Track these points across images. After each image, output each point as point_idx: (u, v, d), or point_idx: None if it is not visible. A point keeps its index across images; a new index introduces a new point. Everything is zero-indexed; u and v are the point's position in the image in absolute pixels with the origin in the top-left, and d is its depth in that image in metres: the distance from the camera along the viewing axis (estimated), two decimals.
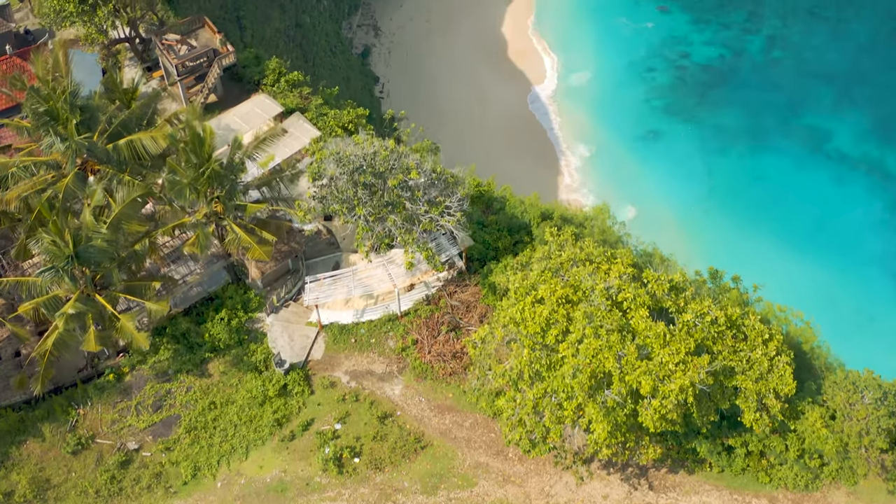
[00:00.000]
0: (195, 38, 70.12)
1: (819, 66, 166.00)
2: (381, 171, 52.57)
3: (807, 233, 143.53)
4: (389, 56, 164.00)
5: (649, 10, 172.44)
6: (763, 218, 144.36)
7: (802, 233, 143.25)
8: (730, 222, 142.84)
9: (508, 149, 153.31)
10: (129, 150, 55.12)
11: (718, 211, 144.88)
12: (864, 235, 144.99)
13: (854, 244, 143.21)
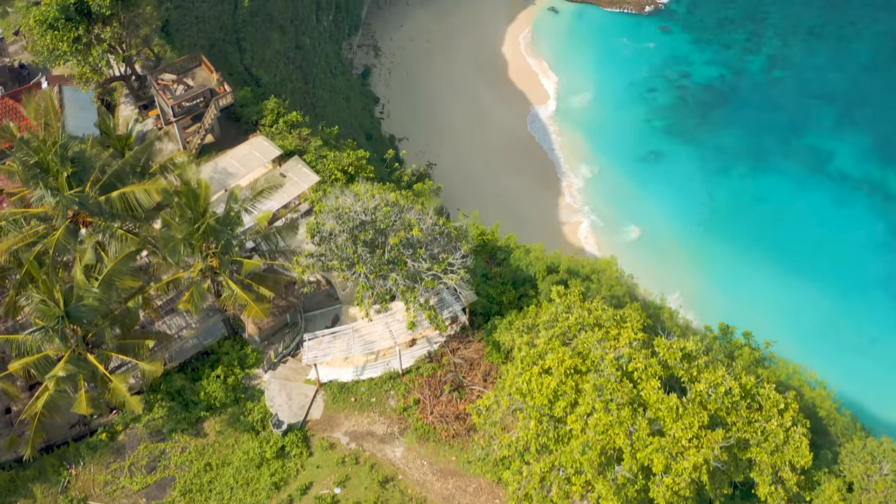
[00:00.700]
0: (192, 77, 68.36)
1: (820, 86, 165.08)
2: (381, 228, 50.99)
3: (808, 254, 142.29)
4: (390, 76, 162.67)
5: (651, 31, 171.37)
6: (764, 240, 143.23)
7: (804, 254, 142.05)
8: (731, 244, 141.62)
9: (508, 169, 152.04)
10: (122, 202, 53.48)
11: (720, 233, 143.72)
12: (866, 257, 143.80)
13: (856, 266, 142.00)
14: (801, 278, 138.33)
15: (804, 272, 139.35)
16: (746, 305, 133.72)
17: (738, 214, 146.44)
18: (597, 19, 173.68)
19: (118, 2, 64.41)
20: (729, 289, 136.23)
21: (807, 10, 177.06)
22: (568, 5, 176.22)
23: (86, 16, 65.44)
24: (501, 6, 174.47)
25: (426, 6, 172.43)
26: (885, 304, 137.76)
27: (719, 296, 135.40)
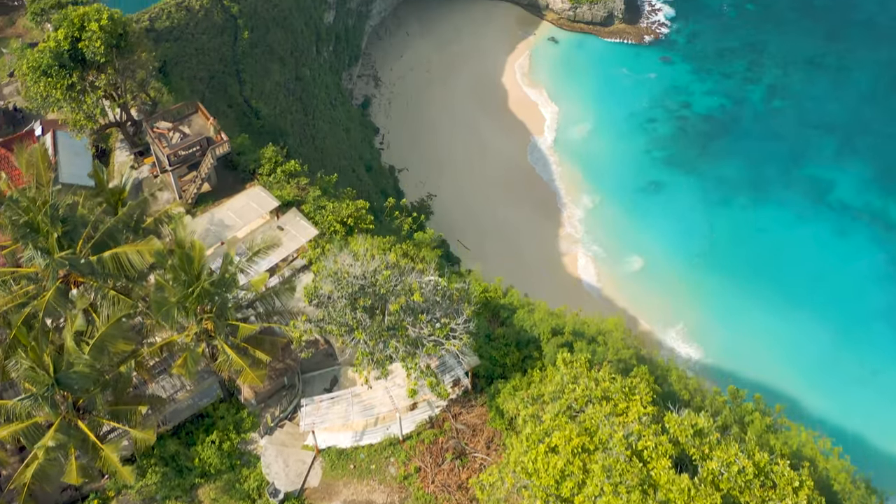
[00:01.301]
0: (188, 124, 67.00)
1: (820, 115, 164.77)
2: (381, 293, 49.58)
3: (809, 285, 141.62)
4: (390, 106, 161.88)
5: (652, 61, 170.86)
6: (765, 271, 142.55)
7: (805, 285, 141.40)
8: (732, 275, 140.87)
9: (508, 199, 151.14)
10: (115, 263, 51.99)
11: (721, 264, 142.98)
12: (868, 288, 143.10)
13: (857, 297, 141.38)
14: (803, 309, 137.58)
15: (805, 303, 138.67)
16: (748, 337, 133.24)
17: (739, 245, 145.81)
18: (597, 49, 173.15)
19: (113, 49, 63.03)
20: (731, 320, 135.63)
21: (807, 39, 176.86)
22: (568, 35, 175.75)
23: (80, 62, 64.05)
24: (502, 36, 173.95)
25: (426, 36, 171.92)
26: (887, 335, 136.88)
27: (721, 327, 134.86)
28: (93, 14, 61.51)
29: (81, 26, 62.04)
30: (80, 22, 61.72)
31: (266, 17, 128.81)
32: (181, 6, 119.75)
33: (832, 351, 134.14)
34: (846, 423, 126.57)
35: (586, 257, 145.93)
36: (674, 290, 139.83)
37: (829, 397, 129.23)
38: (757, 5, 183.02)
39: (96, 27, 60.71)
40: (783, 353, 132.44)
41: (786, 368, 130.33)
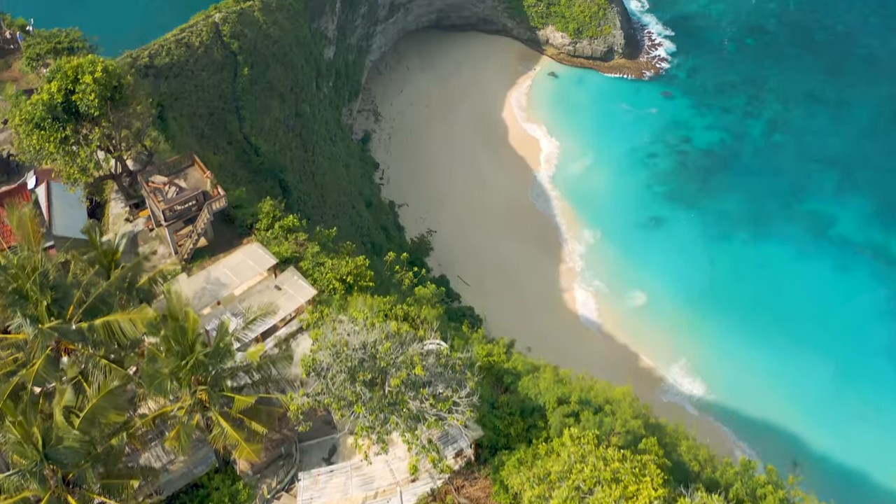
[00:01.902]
0: (184, 177, 65.49)
1: (821, 150, 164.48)
2: (382, 366, 48.12)
3: (811, 322, 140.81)
4: (390, 141, 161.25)
5: (652, 96, 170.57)
6: (767, 307, 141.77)
7: (807, 322, 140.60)
8: (734, 311, 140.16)
9: (508, 235, 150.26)
10: (106, 331, 50.48)
11: (722, 300, 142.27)
12: (869, 324, 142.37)
13: (859, 333, 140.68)
14: (805, 345, 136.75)
15: (807, 339, 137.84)
16: (751, 372, 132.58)
17: (740, 281, 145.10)
18: (597, 84, 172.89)
19: (107, 101, 61.53)
20: (734, 356, 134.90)
21: (807, 74, 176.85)
22: (568, 70, 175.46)
23: (74, 115, 62.52)
24: (502, 70, 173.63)
25: (426, 71, 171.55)
26: (889, 371, 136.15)
27: (724, 362, 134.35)
28: (87, 66, 59.96)
29: (75, 78, 60.59)
30: (74, 74, 60.26)
31: (266, 54, 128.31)
32: (181, 43, 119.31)
33: (834, 387, 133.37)
34: (849, 460, 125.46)
35: (587, 293, 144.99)
36: (675, 326, 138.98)
37: (831, 434, 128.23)
38: (757, 40, 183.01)
39: (90, 80, 59.19)
40: (786, 388, 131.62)
41: (789, 404, 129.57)
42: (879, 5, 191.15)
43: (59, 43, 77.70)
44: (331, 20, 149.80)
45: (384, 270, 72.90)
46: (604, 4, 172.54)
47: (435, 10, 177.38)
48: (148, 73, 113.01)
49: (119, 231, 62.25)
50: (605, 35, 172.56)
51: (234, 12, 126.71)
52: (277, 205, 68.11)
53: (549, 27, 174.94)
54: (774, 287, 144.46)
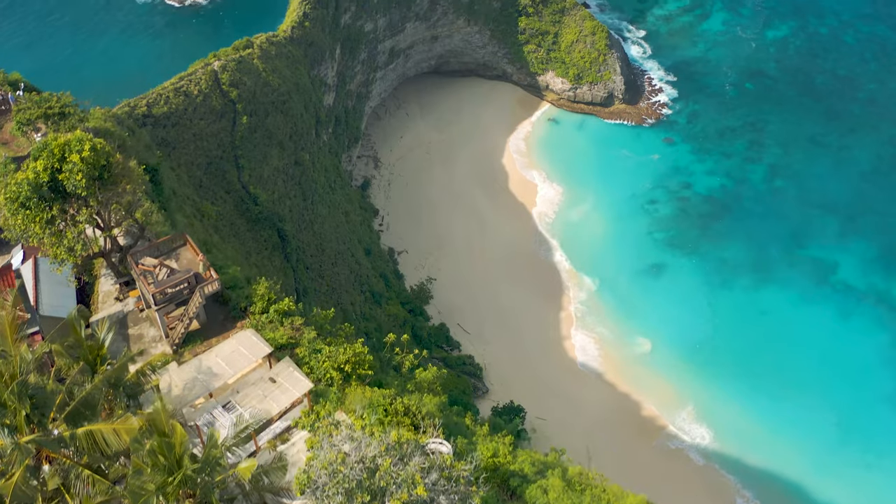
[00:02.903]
0: (175, 258, 63.15)
1: (822, 194, 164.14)
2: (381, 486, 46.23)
3: (814, 368, 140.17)
4: (389, 187, 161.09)
5: (653, 142, 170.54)
6: (769, 354, 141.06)
7: (810, 368, 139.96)
8: (737, 358, 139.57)
9: (508, 281, 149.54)
10: (89, 441, 48.01)
11: (725, 347, 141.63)
12: (873, 371, 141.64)
13: (862, 380, 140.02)
14: (808, 393, 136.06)
15: (811, 386, 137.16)
16: (756, 419, 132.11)
17: (742, 328, 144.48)
18: (597, 130, 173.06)
19: (95, 181, 59.42)
20: (738, 402, 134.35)
21: (807, 118, 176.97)
22: (568, 116, 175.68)
23: (60, 194, 60.44)
24: (502, 116, 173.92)
25: (426, 117, 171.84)
26: (893, 418, 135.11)
27: (729, 409, 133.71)
28: (74, 144, 58.09)
29: (62, 157, 58.64)
30: (61, 152, 58.47)
31: (265, 102, 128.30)
32: (179, 91, 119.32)
33: (839, 434, 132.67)
34: None
35: (588, 340, 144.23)
36: (678, 373, 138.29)
37: (836, 482, 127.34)
38: (757, 84, 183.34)
39: (77, 159, 57.10)
40: (790, 436, 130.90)
41: (793, 452, 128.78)
42: (880, 49, 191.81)
43: (51, 108, 76.04)
44: (331, 67, 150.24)
45: (383, 353, 71.30)
46: (604, 50, 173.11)
47: (435, 56, 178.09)
48: (146, 122, 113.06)
49: (108, 312, 60.88)
50: (605, 81, 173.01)
51: (234, 60, 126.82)
52: (273, 286, 66.21)
53: (550, 73, 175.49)
54: (777, 334, 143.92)
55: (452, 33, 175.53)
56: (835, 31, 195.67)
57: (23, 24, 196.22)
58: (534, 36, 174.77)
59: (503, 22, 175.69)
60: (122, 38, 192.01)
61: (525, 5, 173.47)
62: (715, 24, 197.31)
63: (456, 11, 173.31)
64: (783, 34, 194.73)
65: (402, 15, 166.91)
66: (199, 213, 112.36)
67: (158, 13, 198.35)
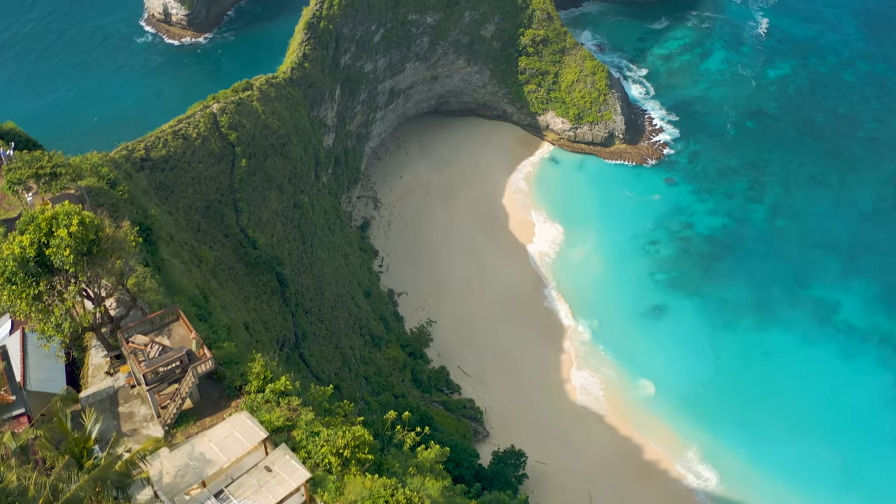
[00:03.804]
0: (167, 334, 61.00)
1: (824, 234, 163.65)
2: None
3: (818, 410, 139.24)
4: (389, 228, 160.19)
5: (654, 182, 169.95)
6: (773, 396, 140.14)
7: (813, 410, 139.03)
8: (740, 401, 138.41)
9: (508, 323, 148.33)
10: None
11: (728, 389, 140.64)
12: (877, 412, 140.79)
13: (866, 421, 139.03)
14: (812, 434, 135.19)
15: (815, 428, 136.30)
16: (761, 461, 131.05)
17: (745, 370, 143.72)
18: (598, 170, 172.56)
19: (83, 257, 57.34)
20: (742, 444, 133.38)
21: (808, 157, 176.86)
22: (569, 156, 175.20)
23: (48, 269, 58.49)
24: (502, 156, 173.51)
25: (426, 157, 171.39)
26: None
27: (734, 451, 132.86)
28: (62, 219, 56.10)
29: (49, 231, 56.66)
30: (48, 227, 56.46)
31: (264, 145, 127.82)
32: (178, 134, 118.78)
33: (844, 477, 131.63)
34: None
35: (590, 382, 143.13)
36: (682, 416, 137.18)
37: None
38: (758, 123, 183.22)
39: (65, 233, 55.10)
40: (796, 479, 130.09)
41: (799, 494, 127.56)
42: (880, 88, 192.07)
43: (42, 168, 74.40)
44: (330, 108, 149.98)
45: (384, 430, 69.39)
46: (604, 90, 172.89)
47: (435, 96, 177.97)
48: (143, 165, 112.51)
49: (98, 387, 58.91)
50: (605, 121, 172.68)
51: (233, 102, 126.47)
52: (269, 363, 64.09)
53: (550, 113, 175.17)
54: (780, 375, 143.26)
55: (452, 73, 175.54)
56: (835, 70, 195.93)
57: (23, 62, 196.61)
58: (534, 76, 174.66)
59: (503, 62, 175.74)
60: (121, 77, 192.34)
61: (525, 45, 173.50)
62: (715, 62, 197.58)
63: (456, 52, 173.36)
64: (784, 73, 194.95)
65: (402, 55, 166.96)
66: (196, 258, 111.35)
67: (157, 52, 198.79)
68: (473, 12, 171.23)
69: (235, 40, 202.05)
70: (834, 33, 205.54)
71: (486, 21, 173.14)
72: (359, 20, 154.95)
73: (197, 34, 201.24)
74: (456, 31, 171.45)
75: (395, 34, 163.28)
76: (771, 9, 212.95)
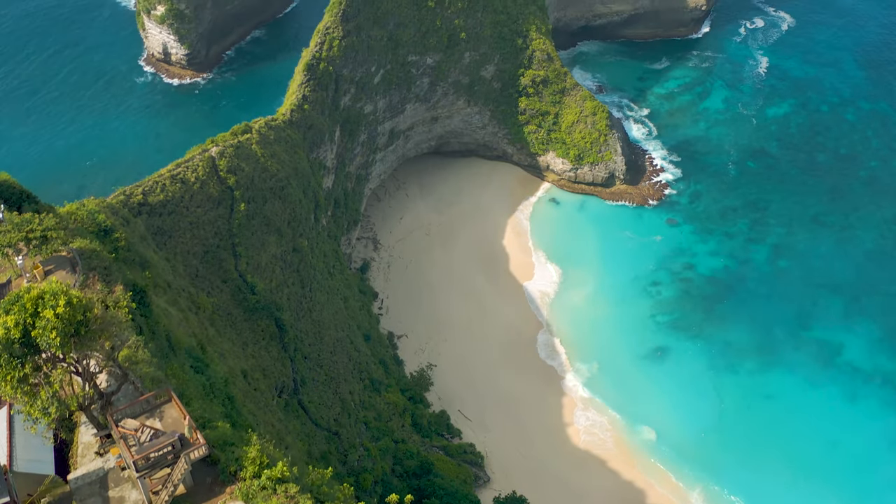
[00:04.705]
0: (159, 416, 58.78)
1: (826, 275, 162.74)
2: None
3: (821, 453, 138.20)
4: (389, 269, 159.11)
5: (655, 223, 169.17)
6: (777, 439, 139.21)
7: (817, 454, 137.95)
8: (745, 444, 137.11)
9: (509, 366, 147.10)
10: None
11: (731, 434, 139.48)
12: (881, 455, 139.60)
13: (871, 464, 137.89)
14: (817, 479, 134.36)
15: (819, 472, 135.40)
16: None
17: (748, 414, 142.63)
18: (599, 211, 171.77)
19: (71, 338, 55.18)
20: (746, 489, 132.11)
21: (810, 197, 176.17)
22: (569, 196, 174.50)
23: (33, 349, 56.45)
24: (502, 197, 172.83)
25: (426, 198, 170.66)
26: None
27: (738, 496, 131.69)
28: (48, 299, 54.07)
29: (35, 312, 54.68)
30: (34, 307, 54.52)
31: (263, 188, 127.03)
32: (176, 179, 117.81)
33: None
34: None
35: (591, 427, 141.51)
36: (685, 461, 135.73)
37: None
38: (759, 163, 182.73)
39: (51, 315, 53.24)
40: None
41: None
42: (881, 127, 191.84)
43: (32, 231, 72.43)
44: (330, 149, 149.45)
45: None
46: (605, 130, 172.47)
47: (435, 137, 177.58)
48: (141, 210, 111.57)
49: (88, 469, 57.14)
50: (606, 161, 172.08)
51: (232, 146, 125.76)
52: (265, 447, 61.82)
53: (550, 153, 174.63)
54: (784, 418, 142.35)
55: (452, 114, 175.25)
56: (836, 109, 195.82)
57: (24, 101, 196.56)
58: (534, 116, 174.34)
59: (503, 102, 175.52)
60: (120, 117, 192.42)
61: (525, 86, 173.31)
62: (716, 101, 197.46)
63: (456, 92, 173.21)
64: (784, 112, 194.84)
65: (402, 96, 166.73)
66: (194, 305, 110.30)
67: (158, 92, 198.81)
68: (473, 53, 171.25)
69: (235, 80, 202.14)
70: (834, 72, 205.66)
71: (487, 62, 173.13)
72: (358, 61, 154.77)
73: (196, 74, 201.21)
74: (456, 72, 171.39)
75: (395, 75, 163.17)
76: (770, 47, 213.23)
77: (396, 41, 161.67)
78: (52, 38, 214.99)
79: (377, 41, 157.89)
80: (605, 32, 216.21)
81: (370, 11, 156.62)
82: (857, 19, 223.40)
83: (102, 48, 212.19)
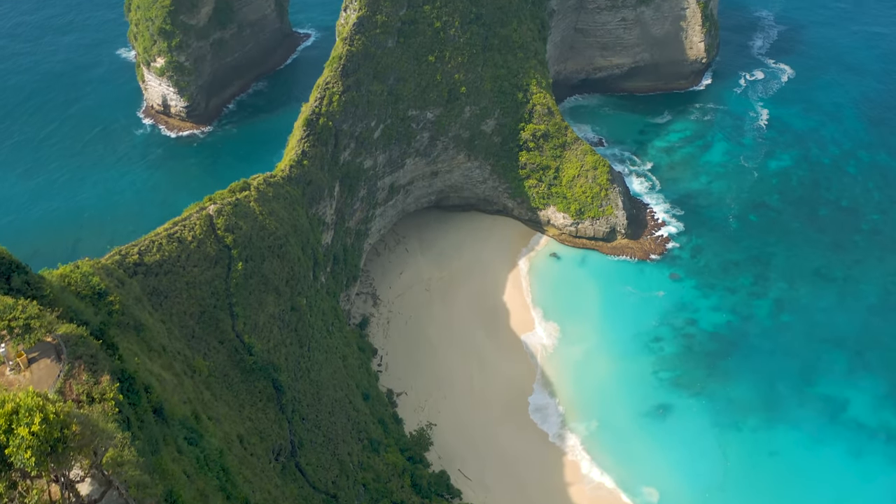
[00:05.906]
0: None
1: (830, 329, 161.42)
2: None
3: None
4: (388, 325, 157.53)
5: (657, 278, 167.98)
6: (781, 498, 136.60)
7: None
8: None
9: (509, 424, 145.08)
10: None
11: (736, 493, 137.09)
12: None
13: None
14: None
15: None
16: None
17: (752, 472, 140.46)
18: (600, 266, 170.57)
19: (47, 457, 51.89)
20: None
21: (812, 250, 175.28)
22: (570, 251, 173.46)
23: (7, 466, 53.36)
24: (502, 252, 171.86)
25: (426, 252, 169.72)
26: None
27: None
28: (23, 416, 50.71)
29: (9, 428, 51.54)
30: (7, 423, 51.40)
31: (261, 247, 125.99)
32: (173, 238, 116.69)
33: None
34: None
35: (593, 488, 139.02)
36: None
37: None
38: (760, 216, 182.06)
39: (26, 433, 50.13)
40: None
41: None
42: (882, 179, 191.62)
43: (14, 319, 69.92)
44: (329, 205, 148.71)
45: None
46: (605, 185, 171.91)
47: (435, 192, 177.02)
48: (137, 270, 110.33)
49: None
50: (607, 216, 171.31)
51: (230, 203, 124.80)
52: None
53: (551, 208, 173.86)
54: (789, 476, 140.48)
55: (453, 168, 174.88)
56: (837, 161, 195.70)
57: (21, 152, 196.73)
58: (535, 171, 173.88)
59: (504, 157, 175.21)
60: (118, 169, 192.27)
61: (526, 140, 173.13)
62: (716, 154, 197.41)
63: (456, 147, 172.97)
64: (785, 164, 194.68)
65: (403, 151, 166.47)
66: (190, 369, 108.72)
67: (156, 144, 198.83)
68: (474, 107, 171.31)
69: (236, 132, 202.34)
70: (834, 123, 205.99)
71: (487, 116, 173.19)
72: (358, 116, 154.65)
73: (196, 126, 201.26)
74: (456, 127, 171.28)
75: (395, 130, 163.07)
76: (771, 99, 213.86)
77: (396, 96, 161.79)
78: (52, 93, 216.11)
79: (377, 96, 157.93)
80: (605, 85, 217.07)
81: (370, 66, 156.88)
82: (856, 70, 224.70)
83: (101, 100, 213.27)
